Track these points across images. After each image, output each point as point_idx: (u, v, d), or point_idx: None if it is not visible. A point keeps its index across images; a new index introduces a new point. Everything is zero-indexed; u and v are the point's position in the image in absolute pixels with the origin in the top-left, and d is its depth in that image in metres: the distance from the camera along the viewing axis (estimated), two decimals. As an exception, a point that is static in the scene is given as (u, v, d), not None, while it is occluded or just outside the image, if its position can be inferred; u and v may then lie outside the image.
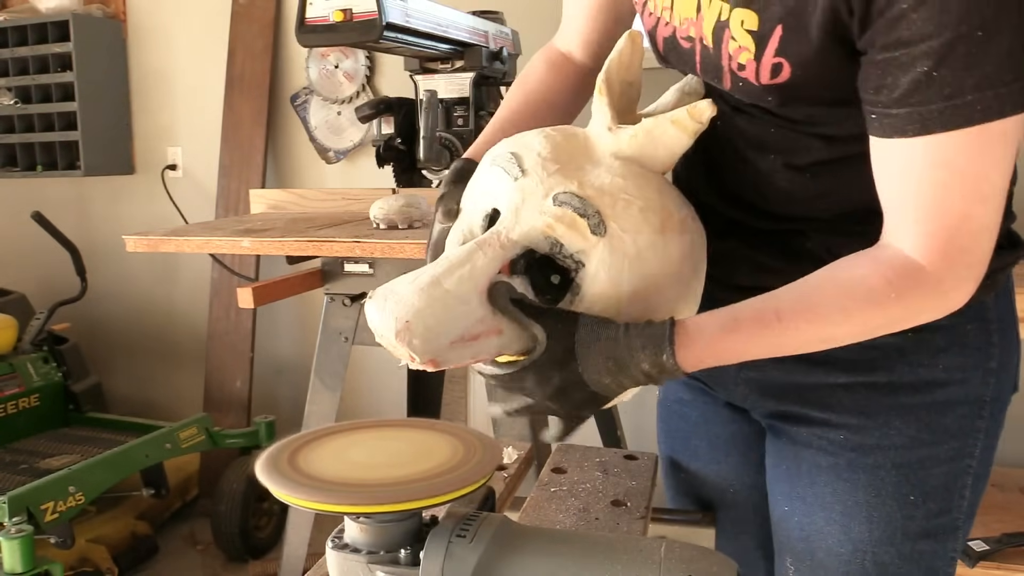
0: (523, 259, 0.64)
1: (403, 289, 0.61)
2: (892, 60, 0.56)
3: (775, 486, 0.87)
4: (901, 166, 0.60)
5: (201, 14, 2.76)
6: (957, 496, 0.78)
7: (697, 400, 0.95)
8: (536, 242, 0.63)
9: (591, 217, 0.62)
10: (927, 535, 0.78)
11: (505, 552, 0.54)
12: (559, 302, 0.64)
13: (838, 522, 0.79)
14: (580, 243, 0.63)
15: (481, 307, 0.61)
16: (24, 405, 2.44)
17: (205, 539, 2.49)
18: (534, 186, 0.64)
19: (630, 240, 0.63)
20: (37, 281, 2.97)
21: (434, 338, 0.60)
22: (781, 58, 0.62)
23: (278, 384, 2.82)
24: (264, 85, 2.63)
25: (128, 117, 2.92)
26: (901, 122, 0.58)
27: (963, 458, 0.77)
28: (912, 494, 0.77)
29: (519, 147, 0.68)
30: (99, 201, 3.03)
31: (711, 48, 0.68)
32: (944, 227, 0.59)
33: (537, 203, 0.63)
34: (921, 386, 0.76)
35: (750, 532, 0.96)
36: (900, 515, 0.77)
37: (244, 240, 1.37)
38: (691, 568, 0.52)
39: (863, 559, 0.79)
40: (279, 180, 2.72)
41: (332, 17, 1.46)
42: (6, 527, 1.70)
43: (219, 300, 2.73)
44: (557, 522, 0.82)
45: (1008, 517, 1.67)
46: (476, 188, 0.71)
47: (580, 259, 0.63)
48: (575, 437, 0.96)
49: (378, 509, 0.52)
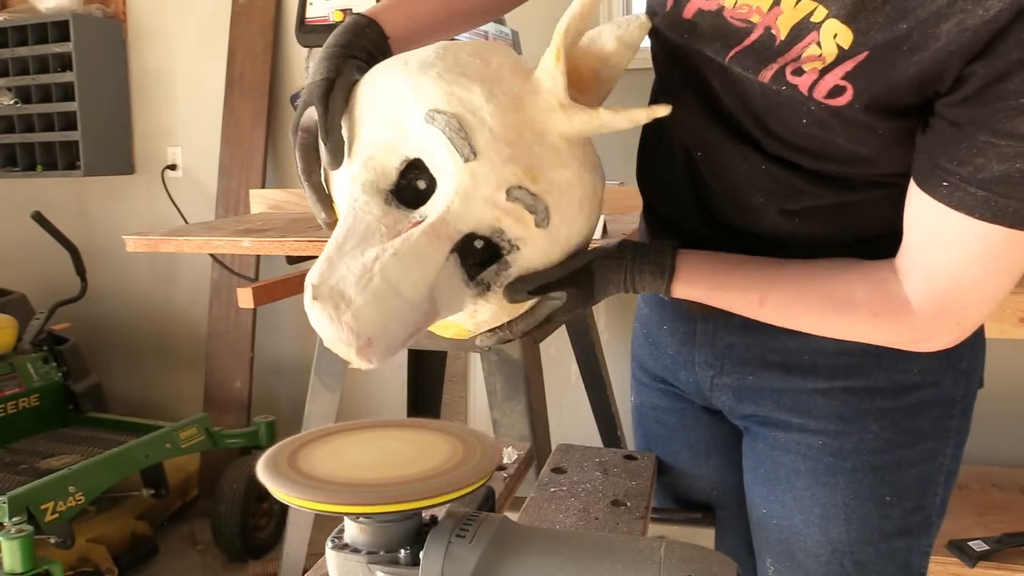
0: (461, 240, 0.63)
1: (356, 297, 0.57)
2: (993, 145, 0.54)
3: (753, 489, 0.87)
4: (942, 226, 0.59)
5: (201, 14, 2.76)
6: (931, 494, 0.80)
7: (674, 406, 0.95)
8: (480, 230, 0.63)
9: (539, 213, 0.63)
10: (903, 533, 0.80)
11: (505, 552, 0.54)
12: (478, 276, 0.65)
13: (817, 524, 0.80)
14: (522, 232, 0.63)
15: (429, 302, 0.61)
16: (24, 405, 2.44)
17: (205, 539, 2.49)
18: (487, 173, 0.60)
19: (566, 230, 0.65)
20: (37, 281, 2.97)
21: (394, 348, 0.59)
22: (847, 82, 0.59)
23: (278, 384, 2.82)
24: (264, 85, 2.63)
25: (128, 117, 2.92)
26: (974, 201, 0.56)
27: (936, 457, 0.79)
28: (889, 495, 0.78)
29: (461, 106, 0.60)
30: (99, 201, 3.02)
31: (780, 40, 0.62)
32: (954, 288, 0.61)
33: (489, 193, 0.61)
34: (897, 389, 0.76)
35: (737, 530, 0.96)
36: (877, 515, 0.79)
37: (244, 240, 1.37)
38: (691, 568, 0.52)
39: (842, 559, 0.80)
40: (279, 180, 2.72)
41: (332, 17, 1.46)
42: (6, 527, 1.70)
43: (219, 300, 2.73)
44: (557, 522, 0.82)
45: (1008, 517, 1.67)
46: (384, 116, 0.63)
47: (517, 244, 0.64)
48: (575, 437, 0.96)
49: (378, 509, 0.52)
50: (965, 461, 0.89)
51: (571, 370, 2.30)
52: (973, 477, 1.84)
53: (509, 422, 1.37)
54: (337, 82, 0.64)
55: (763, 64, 0.63)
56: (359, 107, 0.65)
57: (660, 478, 1.00)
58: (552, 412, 1.59)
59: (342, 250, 0.59)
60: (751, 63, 0.65)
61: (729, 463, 0.94)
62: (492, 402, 1.37)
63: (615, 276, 0.68)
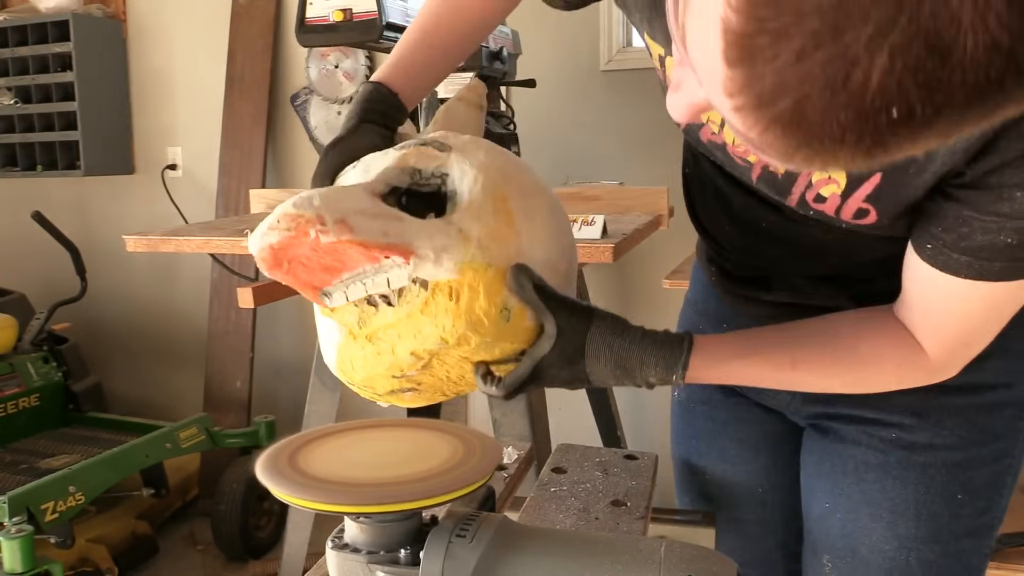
0: (392, 197, 0.63)
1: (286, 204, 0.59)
2: (978, 220, 0.56)
3: (815, 483, 0.87)
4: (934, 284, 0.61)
5: (201, 14, 2.76)
6: (998, 495, 0.80)
7: (727, 401, 0.95)
8: (395, 177, 0.63)
9: (432, 143, 0.65)
10: (970, 533, 0.80)
11: (505, 552, 0.54)
12: (441, 214, 0.63)
13: (885, 519, 0.80)
14: (433, 162, 0.64)
15: (370, 199, 0.61)
16: (24, 405, 2.44)
17: (205, 539, 2.49)
18: (372, 158, 0.66)
19: (473, 144, 0.66)
20: (37, 281, 2.97)
21: (336, 199, 0.58)
22: (869, 205, 0.61)
23: (278, 384, 2.82)
24: (264, 85, 2.63)
25: (128, 117, 2.92)
26: (957, 265, 0.58)
27: (1006, 458, 0.79)
28: (960, 492, 0.78)
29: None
30: (99, 201, 3.03)
31: (781, 175, 0.66)
32: (961, 334, 0.64)
33: (382, 159, 0.65)
34: (970, 388, 0.77)
35: (774, 531, 0.96)
36: (948, 513, 0.79)
37: (244, 240, 1.37)
38: (691, 568, 0.52)
39: (907, 556, 0.80)
40: (279, 180, 2.72)
41: (332, 17, 1.46)
42: (6, 527, 1.70)
43: (219, 300, 2.73)
44: (557, 522, 0.82)
45: (1008, 517, 1.66)
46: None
47: (441, 171, 0.64)
48: (575, 437, 0.96)
49: (378, 509, 0.52)
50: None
51: (571, 370, 2.29)
52: (973, 477, 1.84)
53: (509, 422, 1.38)
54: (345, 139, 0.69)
55: (782, 195, 0.67)
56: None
57: (694, 477, 0.99)
58: (552, 412, 1.58)
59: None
60: (771, 192, 0.68)
61: (778, 461, 0.94)
62: (492, 402, 1.37)
63: (618, 342, 0.62)
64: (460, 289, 0.60)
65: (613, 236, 1.18)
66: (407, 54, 0.76)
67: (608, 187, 1.69)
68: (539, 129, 2.26)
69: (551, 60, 2.28)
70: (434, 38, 0.77)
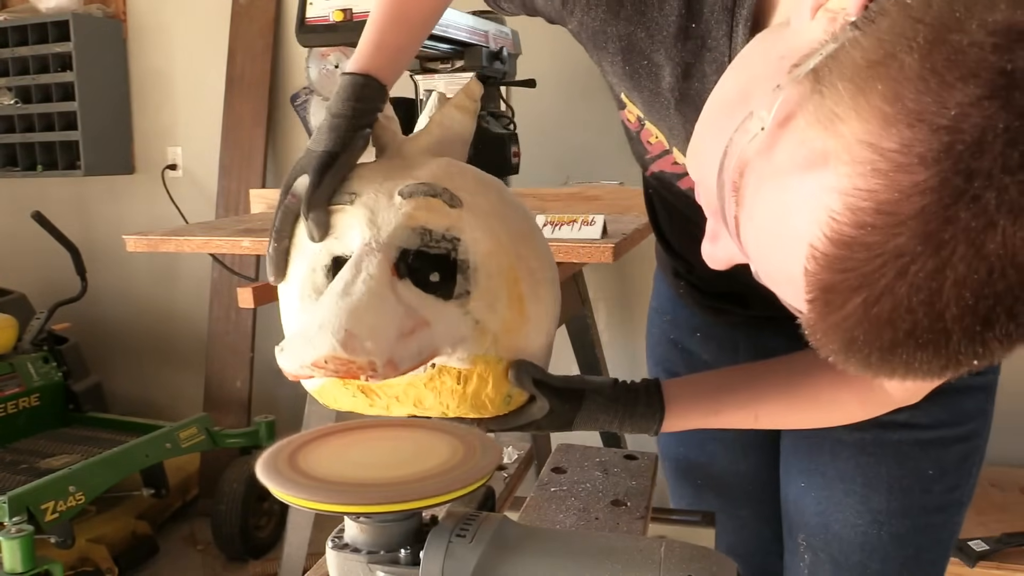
0: (402, 262, 0.62)
1: (320, 315, 0.56)
2: None
3: (792, 463, 0.89)
4: None
5: (201, 14, 2.76)
6: (967, 474, 0.83)
7: None
8: (406, 238, 0.62)
9: (442, 194, 0.62)
10: (940, 508, 0.83)
11: (505, 552, 0.54)
12: (452, 292, 0.63)
13: (858, 494, 0.83)
14: (445, 220, 0.62)
15: (399, 303, 0.59)
16: (24, 405, 2.44)
17: (205, 539, 2.49)
18: (374, 196, 0.62)
19: (484, 200, 0.64)
20: (37, 281, 2.97)
21: (382, 333, 0.57)
22: None
23: (278, 384, 2.82)
24: (264, 85, 2.63)
25: (128, 117, 2.92)
26: None
27: (975, 438, 0.83)
28: (931, 469, 0.81)
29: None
30: (99, 201, 3.02)
31: None
32: None
33: (386, 205, 0.62)
34: None
35: (772, 523, 0.97)
36: (919, 489, 0.81)
37: (244, 240, 1.37)
38: (691, 568, 0.52)
39: (880, 530, 0.82)
40: (279, 180, 2.72)
41: (332, 17, 1.46)
42: (6, 527, 1.70)
43: (219, 300, 2.73)
44: (557, 522, 0.82)
45: (1008, 517, 1.67)
46: (301, 243, 0.65)
47: (453, 235, 0.62)
48: (575, 437, 0.96)
49: (378, 509, 0.52)
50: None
51: (571, 370, 2.30)
52: (973, 477, 1.84)
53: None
54: (340, 158, 0.63)
55: None
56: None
57: (688, 479, 1.00)
58: (552, 412, 1.58)
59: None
60: None
61: (765, 459, 0.95)
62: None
63: (603, 417, 0.69)
64: (470, 377, 0.63)
65: (613, 236, 1.18)
66: (384, 37, 0.72)
67: (608, 187, 1.69)
68: (539, 129, 2.26)
69: (551, 60, 2.28)
70: (407, 14, 0.73)
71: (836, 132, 0.35)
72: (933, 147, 0.32)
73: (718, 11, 0.55)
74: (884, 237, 0.33)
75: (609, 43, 0.62)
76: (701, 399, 0.72)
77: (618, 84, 0.67)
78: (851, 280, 0.35)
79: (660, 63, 0.60)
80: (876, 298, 0.35)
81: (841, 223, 0.34)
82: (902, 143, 0.33)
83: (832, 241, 0.35)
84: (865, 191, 0.34)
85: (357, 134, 0.65)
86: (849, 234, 0.34)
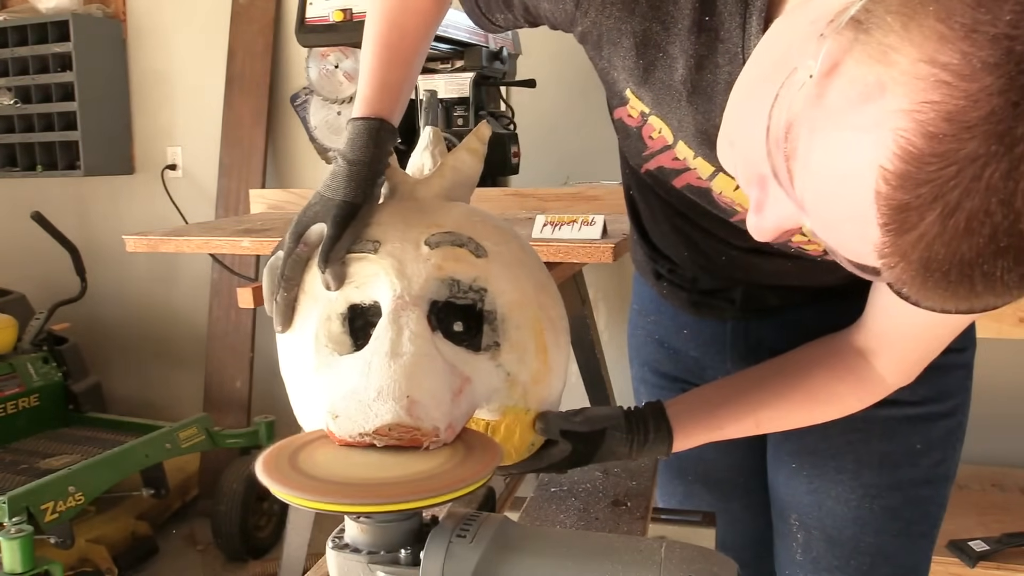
0: (432, 315, 0.62)
1: (375, 380, 0.56)
2: None
3: (782, 445, 0.90)
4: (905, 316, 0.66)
5: (201, 14, 2.75)
6: (951, 448, 0.86)
7: None
8: (435, 290, 0.62)
9: (468, 243, 0.62)
10: (928, 481, 0.85)
11: (505, 552, 0.54)
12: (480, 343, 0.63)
13: (850, 470, 0.85)
14: (472, 271, 0.62)
15: (444, 360, 0.59)
16: (24, 405, 2.44)
17: (205, 539, 2.49)
18: (400, 246, 0.62)
19: (506, 250, 0.65)
20: (37, 281, 2.97)
21: (441, 397, 0.57)
22: None
23: (278, 384, 2.80)
24: (264, 85, 2.63)
25: (128, 117, 2.92)
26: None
27: (958, 414, 0.86)
28: (919, 443, 0.84)
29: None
30: (99, 201, 3.02)
31: None
32: (923, 358, 0.72)
33: (413, 255, 0.61)
34: None
35: (764, 514, 0.98)
36: (907, 463, 0.84)
37: (244, 240, 1.37)
38: (691, 568, 0.52)
39: (871, 504, 0.85)
40: (279, 180, 2.72)
41: (332, 17, 1.47)
42: (6, 527, 1.70)
43: (219, 300, 2.73)
44: (557, 522, 0.82)
45: (1008, 517, 1.67)
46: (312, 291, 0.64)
47: (480, 285, 0.62)
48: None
49: (378, 509, 0.52)
50: (965, 461, 0.92)
51: (571, 370, 2.30)
52: (973, 477, 1.84)
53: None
54: (362, 210, 0.63)
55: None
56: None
57: (675, 478, 1.00)
58: (552, 412, 1.58)
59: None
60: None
61: (753, 451, 0.96)
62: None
63: (621, 450, 0.72)
64: (498, 428, 0.64)
65: (613, 236, 1.18)
66: (386, 76, 0.71)
67: (608, 187, 1.69)
68: (539, 129, 2.25)
69: (551, 60, 2.27)
70: (403, 51, 0.73)
71: (890, 62, 0.36)
72: (994, 53, 0.33)
73: (731, 3, 0.55)
74: (956, 144, 0.34)
75: (623, 39, 0.62)
76: (702, 417, 0.75)
77: (626, 79, 0.67)
78: (926, 194, 0.35)
79: (675, 55, 0.60)
80: (953, 208, 0.35)
81: (910, 139, 0.35)
82: (963, 54, 0.34)
83: (902, 158, 0.35)
84: (931, 103, 0.34)
85: (375, 183, 0.66)
86: (920, 147, 0.35)
